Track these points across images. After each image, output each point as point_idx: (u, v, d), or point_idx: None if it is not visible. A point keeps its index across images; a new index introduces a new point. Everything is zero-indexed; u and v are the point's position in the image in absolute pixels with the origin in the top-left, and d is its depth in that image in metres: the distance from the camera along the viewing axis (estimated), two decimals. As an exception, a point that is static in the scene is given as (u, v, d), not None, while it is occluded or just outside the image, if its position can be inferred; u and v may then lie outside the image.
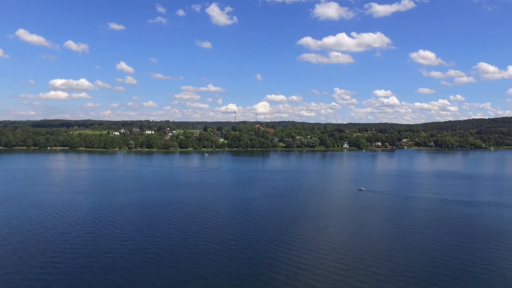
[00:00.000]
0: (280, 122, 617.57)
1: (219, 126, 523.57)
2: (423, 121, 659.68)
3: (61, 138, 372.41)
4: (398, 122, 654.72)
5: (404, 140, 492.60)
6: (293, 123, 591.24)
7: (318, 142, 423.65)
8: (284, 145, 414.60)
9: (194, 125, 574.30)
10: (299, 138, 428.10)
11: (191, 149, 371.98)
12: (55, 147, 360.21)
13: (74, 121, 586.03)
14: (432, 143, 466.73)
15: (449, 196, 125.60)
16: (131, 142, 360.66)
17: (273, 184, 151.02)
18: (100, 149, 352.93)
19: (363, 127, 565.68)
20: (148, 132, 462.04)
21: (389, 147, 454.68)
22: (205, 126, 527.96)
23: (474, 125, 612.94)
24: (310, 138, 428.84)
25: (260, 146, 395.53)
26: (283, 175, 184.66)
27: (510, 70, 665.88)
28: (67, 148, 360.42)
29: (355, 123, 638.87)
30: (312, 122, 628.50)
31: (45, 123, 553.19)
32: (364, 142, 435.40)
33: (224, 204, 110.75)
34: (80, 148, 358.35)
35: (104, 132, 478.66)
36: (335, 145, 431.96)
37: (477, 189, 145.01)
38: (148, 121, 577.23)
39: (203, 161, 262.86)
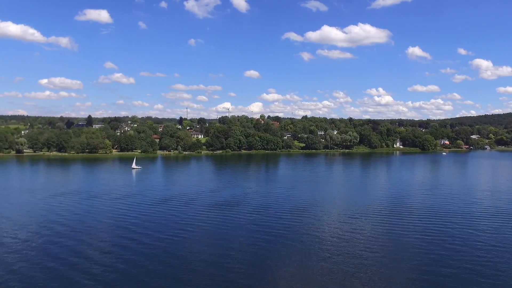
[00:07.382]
0: (280, 119, 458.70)
1: (200, 118, 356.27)
2: (416, 119, 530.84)
3: None
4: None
5: (473, 136, 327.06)
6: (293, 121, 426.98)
7: (358, 139, 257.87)
8: (303, 144, 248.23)
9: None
10: (327, 134, 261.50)
11: (138, 152, 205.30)
12: None
13: (58, 118, 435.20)
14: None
15: None
16: (21, 140, 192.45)
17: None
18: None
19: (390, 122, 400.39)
20: (97, 126, 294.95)
21: (464, 147, 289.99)
22: (180, 117, 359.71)
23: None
24: (342, 132, 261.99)
25: (264, 146, 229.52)
26: None
27: (505, 68, 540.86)
28: None
29: (362, 120, 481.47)
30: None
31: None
32: (430, 139, 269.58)
33: None
34: None
35: (23, 126, 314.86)
36: (383, 144, 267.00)
37: None
38: (127, 117, 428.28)
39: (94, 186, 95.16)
